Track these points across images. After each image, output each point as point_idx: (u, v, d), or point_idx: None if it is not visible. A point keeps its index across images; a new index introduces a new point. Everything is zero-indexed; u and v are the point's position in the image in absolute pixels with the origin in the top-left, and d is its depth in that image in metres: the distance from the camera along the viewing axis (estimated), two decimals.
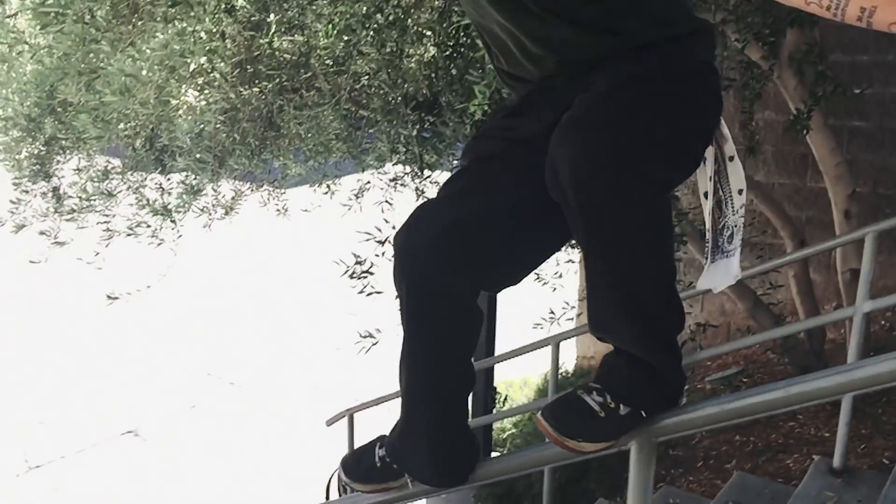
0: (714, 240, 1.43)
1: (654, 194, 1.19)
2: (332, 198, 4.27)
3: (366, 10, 2.83)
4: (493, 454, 4.75)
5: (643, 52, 1.26)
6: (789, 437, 3.89)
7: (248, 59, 2.97)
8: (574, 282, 4.41)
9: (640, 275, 1.22)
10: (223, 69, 2.55)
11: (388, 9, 2.86)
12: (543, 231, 1.34)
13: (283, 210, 4.42)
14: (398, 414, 1.48)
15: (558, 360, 3.61)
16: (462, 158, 1.49)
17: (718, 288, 1.46)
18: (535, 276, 4.11)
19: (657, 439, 1.34)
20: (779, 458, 3.73)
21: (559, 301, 3.84)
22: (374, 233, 3.15)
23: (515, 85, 1.44)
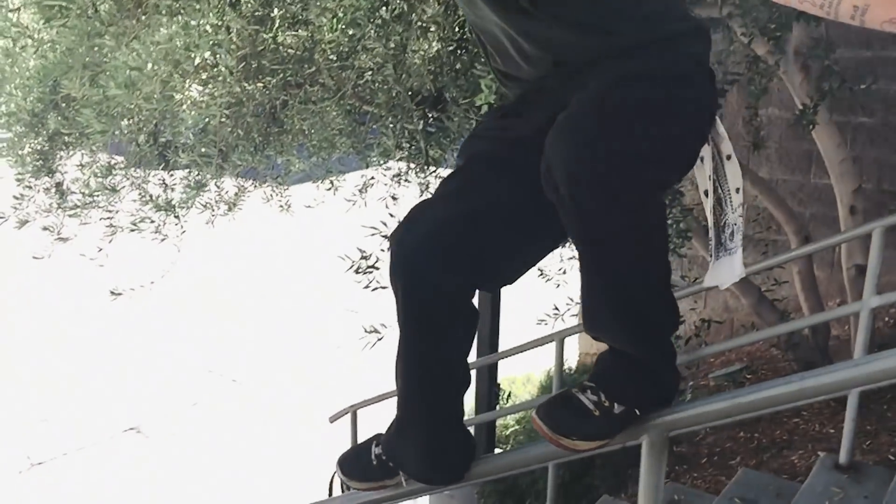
0: (717, 237, 1.43)
1: (649, 194, 1.19)
2: (336, 194, 4.26)
3: (371, 4, 2.82)
4: (496, 451, 4.74)
5: (638, 52, 1.25)
6: (794, 433, 3.89)
7: (253, 53, 2.96)
8: (578, 278, 4.39)
9: (634, 275, 1.22)
10: (229, 62, 2.53)
11: (394, 3, 2.85)
12: (538, 231, 1.35)
13: (286, 206, 4.41)
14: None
15: (563, 356, 3.60)
16: (458, 158, 1.50)
17: (724, 285, 1.46)
18: (539, 272, 4.10)
19: (669, 433, 1.33)
20: (783, 455, 3.73)
21: (563, 297, 3.82)
22: (380, 227, 3.15)
23: (511, 85, 1.44)
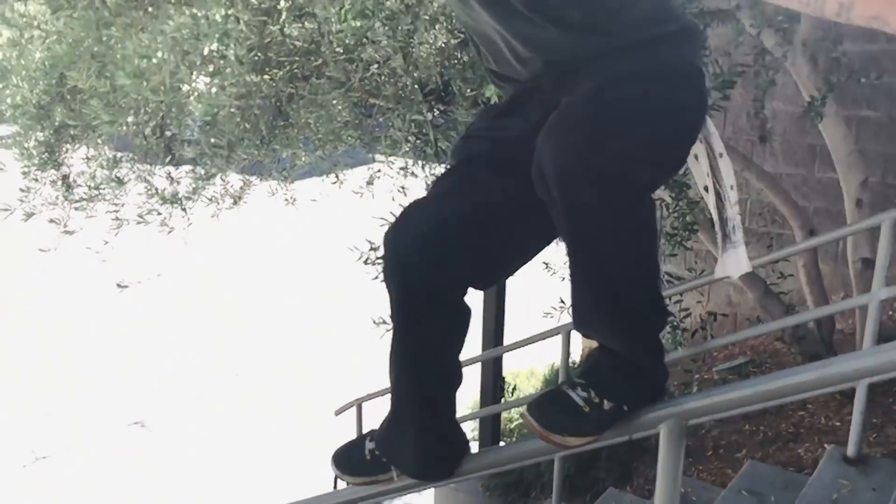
0: (722, 229, 1.44)
1: (638, 194, 1.21)
2: (341, 188, 4.25)
3: None
4: (501, 444, 4.74)
5: (629, 52, 1.27)
6: (800, 426, 3.89)
7: (260, 46, 2.95)
8: None
9: (622, 274, 1.24)
10: (238, 52, 2.53)
11: None
12: (530, 229, 1.36)
13: (292, 200, 4.40)
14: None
15: (569, 349, 3.60)
16: (451, 158, 1.52)
17: (734, 275, 1.48)
18: (545, 265, 4.10)
19: (688, 422, 1.33)
20: (790, 448, 3.73)
21: (568, 290, 3.81)
22: (389, 218, 3.14)
23: (504, 85, 1.46)
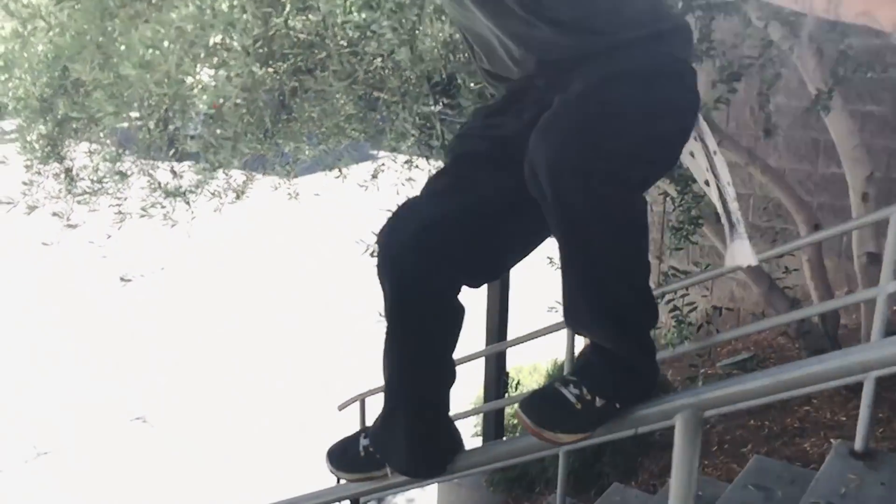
0: (728, 220, 1.44)
1: (630, 192, 1.22)
2: (344, 181, 4.24)
3: None
4: (504, 439, 4.73)
5: (621, 51, 1.27)
6: (805, 421, 3.88)
7: (264, 38, 2.94)
8: None
9: (613, 272, 1.24)
10: (244, 42, 2.51)
11: None
12: (524, 227, 1.37)
13: (295, 195, 4.39)
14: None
15: (574, 343, 3.59)
16: (445, 156, 1.51)
17: (743, 264, 1.47)
18: (549, 259, 4.08)
19: (704, 413, 1.31)
20: (795, 442, 3.72)
21: None
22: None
23: (498, 84, 1.47)
